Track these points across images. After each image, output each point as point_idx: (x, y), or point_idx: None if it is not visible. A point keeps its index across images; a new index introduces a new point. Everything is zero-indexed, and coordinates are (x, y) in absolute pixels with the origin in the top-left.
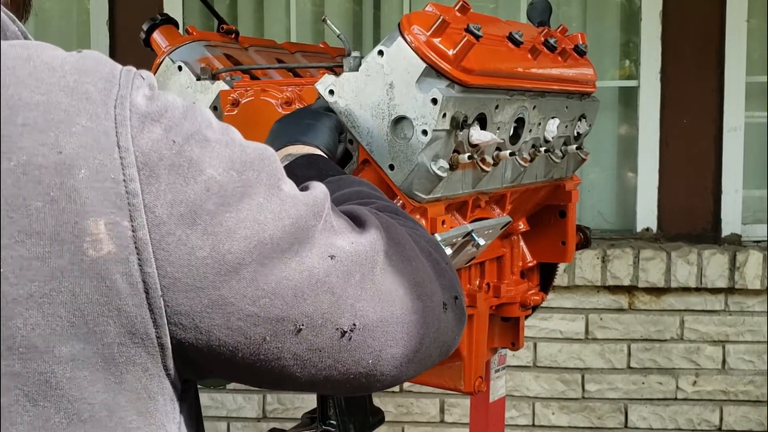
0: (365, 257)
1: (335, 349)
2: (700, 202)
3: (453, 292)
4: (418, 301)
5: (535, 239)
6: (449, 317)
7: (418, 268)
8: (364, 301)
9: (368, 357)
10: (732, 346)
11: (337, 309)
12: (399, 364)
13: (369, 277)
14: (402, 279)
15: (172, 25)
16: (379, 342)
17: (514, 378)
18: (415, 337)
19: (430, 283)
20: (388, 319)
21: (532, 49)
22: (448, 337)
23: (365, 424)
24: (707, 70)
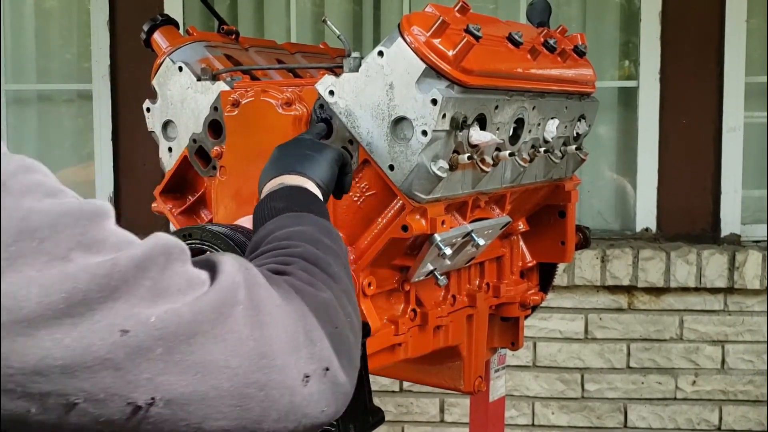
0: (179, 329)
1: (133, 423)
2: (700, 203)
3: (323, 363)
4: (258, 373)
5: (534, 239)
6: (312, 390)
7: (269, 337)
8: (170, 375)
9: (184, 428)
10: (731, 346)
11: (125, 384)
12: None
13: (181, 348)
14: (240, 349)
15: (172, 25)
16: (195, 416)
17: (514, 378)
18: (251, 411)
19: (282, 355)
20: (207, 392)
21: (532, 49)
22: (312, 410)
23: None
24: (707, 71)
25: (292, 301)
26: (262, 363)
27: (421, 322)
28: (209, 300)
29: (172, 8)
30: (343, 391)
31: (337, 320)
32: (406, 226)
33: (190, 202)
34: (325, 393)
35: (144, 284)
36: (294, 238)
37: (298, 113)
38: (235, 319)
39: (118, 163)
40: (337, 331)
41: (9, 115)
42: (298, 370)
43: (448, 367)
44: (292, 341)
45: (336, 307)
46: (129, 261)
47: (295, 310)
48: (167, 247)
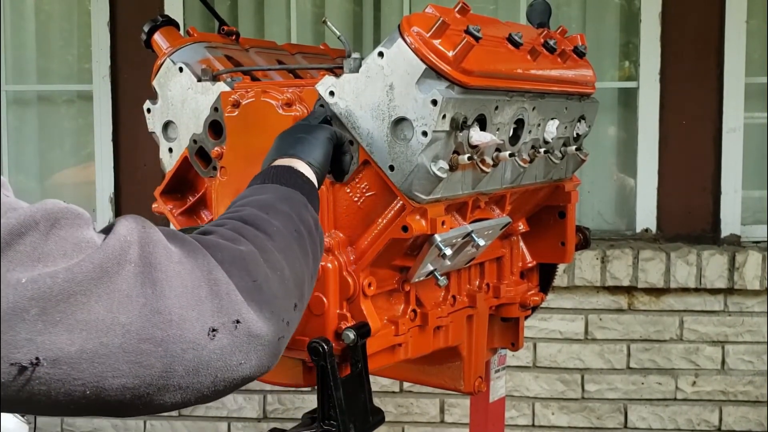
0: (53, 289)
1: (21, 383)
2: (700, 203)
3: (232, 316)
4: (153, 329)
5: (534, 240)
6: (221, 344)
7: (162, 293)
8: (51, 335)
9: (80, 389)
10: (731, 346)
11: (4, 345)
12: (141, 394)
13: (59, 308)
14: (128, 306)
15: (172, 26)
16: (89, 374)
17: (514, 378)
18: (152, 367)
19: (180, 310)
20: (96, 350)
21: (532, 50)
22: (225, 364)
23: (365, 424)
24: (706, 71)
25: (196, 257)
26: (156, 319)
27: (421, 323)
28: (92, 260)
29: (173, 9)
30: (263, 343)
31: (257, 273)
32: (407, 226)
33: (190, 202)
34: (238, 346)
35: (21, 249)
36: (247, 204)
37: (298, 114)
38: (122, 277)
39: (118, 164)
40: (255, 285)
41: (9, 115)
42: (202, 324)
43: (449, 367)
44: (192, 296)
45: (256, 261)
46: (4, 228)
47: (199, 266)
48: (53, 213)
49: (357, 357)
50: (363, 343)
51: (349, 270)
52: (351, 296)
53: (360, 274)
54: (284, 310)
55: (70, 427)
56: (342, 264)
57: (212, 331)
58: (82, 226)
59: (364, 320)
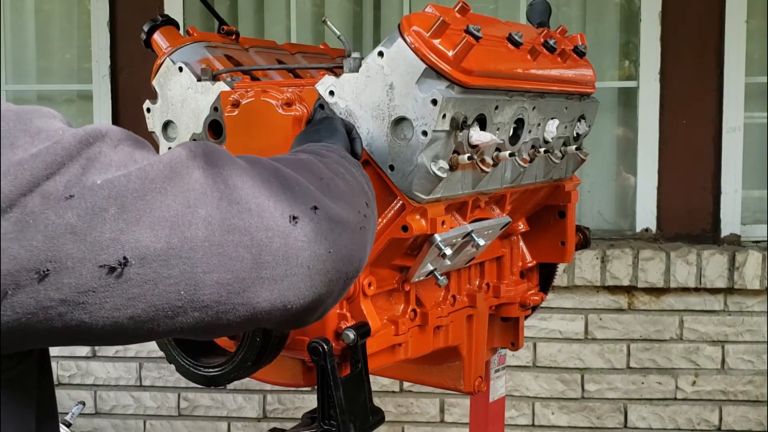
0: (128, 188)
1: (113, 287)
2: (700, 203)
3: (309, 203)
4: (234, 218)
5: (534, 239)
6: (305, 230)
7: (235, 187)
8: (134, 233)
9: (173, 288)
10: (731, 346)
11: (89, 247)
12: (236, 291)
13: (137, 205)
14: (203, 200)
15: (172, 26)
16: (180, 271)
17: (514, 378)
18: (241, 259)
19: (256, 199)
20: (182, 245)
21: (532, 50)
22: (312, 252)
23: (365, 424)
24: (706, 71)
25: (261, 162)
26: (234, 209)
27: (421, 323)
28: (160, 160)
29: (173, 9)
30: (348, 229)
31: (322, 173)
32: (406, 226)
33: None
34: (323, 232)
35: (91, 156)
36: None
37: (298, 113)
38: (193, 177)
39: None
40: (323, 182)
41: None
42: (281, 211)
43: (448, 367)
44: (265, 188)
45: (318, 165)
46: (72, 138)
47: (264, 167)
48: (122, 131)
49: (357, 357)
50: (363, 343)
51: None
52: (351, 296)
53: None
54: (357, 203)
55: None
56: None
57: (293, 218)
58: (147, 147)
59: (364, 320)
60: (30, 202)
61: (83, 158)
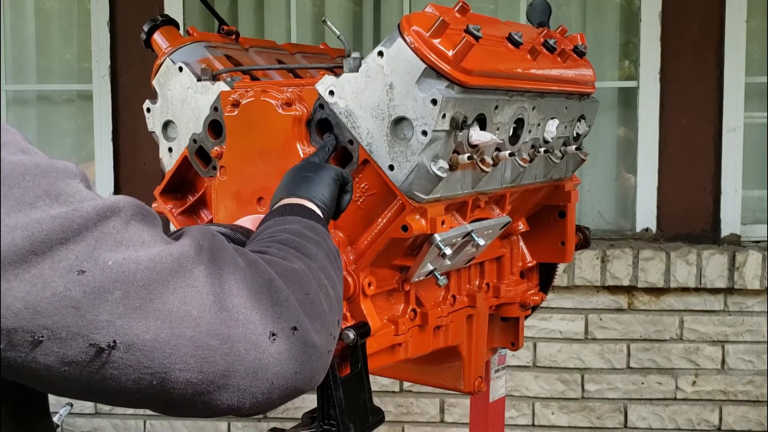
0: (137, 274)
1: (96, 365)
2: (700, 203)
3: (290, 322)
4: (220, 325)
5: (534, 239)
6: (280, 349)
7: (230, 293)
8: (130, 319)
9: (148, 377)
10: (731, 346)
11: (86, 324)
12: (202, 391)
13: (140, 294)
14: (199, 301)
15: (172, 26)
16: (159, 364)
17: (514, 378)
18: (215, 364)
19: (245, 310)
20: (169, 340)
21: (532, 49)
22: (282, 370)
23: (365, 424)
24: (706, 71)
25: (258, 267)
26: (223, 315)
27: (421, 322)
28: (170, 252)
29: (173, 9)
30: (316, 354)
31: (309, 288)
32: (406, 226)
33: (190, 202)
34: (295, 353)
35: (105, 231)
36: (279, 232)
37: (298, 113)
38: (195, 274)
39: (118, 164)
40: (308, 298)
41: (9, 115)
42: (264, 326)
43: (448, 367)
44: (255, 299)
45: (308, 277)
46: (92, 208)
47: (261, 274)
48: (135, 206)
49: (357, 357)
50: (363, 343)
51: (349, 270)
52: (351, 296)
53: (360, 273)
54: (331, 324)
55: (69, 426)
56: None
57: (272, 335)
58: (154, 224)
59: (364, 320)
60: (41, 264)
61: (98, 232)
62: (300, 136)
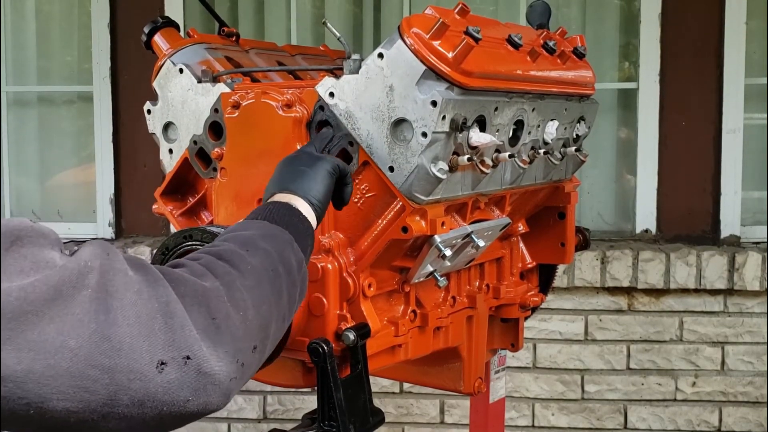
0: (7, 307)
1: None
2: (700, 204)
3: (183, 352)
4: (101, 356)
5: (534, 241)
6: (169, 378)
7: (115, 321)
8: (4, 352)
9: (23, 408)
10: (731, 347)
11: None
12: (85, 419)
13: (9, 326)
14: (79, 331)
15: (173, 27)
16: (34, 395)
17: (514, 379)
18: (96, 393)
19: (131, 339)
20: (43, 371)
21: (532, 51)
22: (171, 398)
23: (365, 425)
24: (706, 72)
25: (156, 288)
26: (105, 346)
27: (421, 324)
28: (48, 281)
29: (173, 10)
30: (213, 382)
31: (218, 311)
32: (406, 227)
33: (190, 203)
34: (187, 382)
35: None
36: (229, 239)
37: (298, 115)
38: (77, 301)
39: (118, 165)
40: (214, 323)
41: (9, 116)
42: (151, 356)
43: (448, 368)
44: (145, 327)
45: (220, 297)
46: None
47: (157, 297)
48: (15, 230)
49: (357, 358)
50: (363, 344)
51: (349, 271)
52: (351, 297)
53: (360, 275)
54: (241, 351)
55: None
56: (342, 265)
57: (161, 364)
58: (44, 246)
59: (364, 321)
60: None
61: None
62: (300, 137)
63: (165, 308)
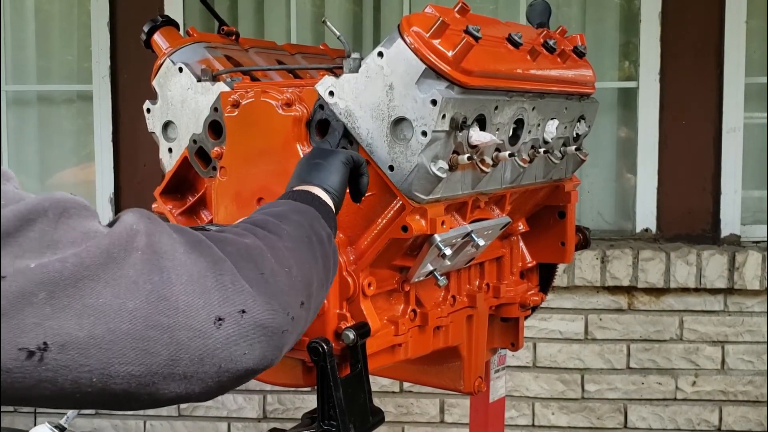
0: (63, 273)
1: (30, 369)
2: (700, 203)
3: (238, 306)
4: (159, 315)
5: (534, 240)
6: (227, 333)
7: (169, 280)
8: (59, 319)
9: (86, 375)
10: (731, 346)
11: (12, 329)
12: (147, 383)
13: (67, 292)
14: (135, 292)
15: (172, 26)
16: (97, 361)
17: (514, 378)
18: (158, 354)
19: (186, 297)
20: (104, 335)
21: (532, 50)
22: (229, 354)
23: (365, 424)
24: (706, 71)
25: (202, 249)
26: (162, 305)
27: (421, 323)
28: (99, 245)
29: (173, 9)
30: (267, 333)
31: (264, 266)
32: (406, 226)
33: (190, 202)
34: (245, 336)
35: (30, 236)
36: (259, 213)
37: (298, 114)
38: (129, 263)
39: (118, 164)
40: (262, 277)
41: (9, 115)
42: (208, 312)
43: (448, 367)
44: (198, 285)
45: (263, 254)
46: (12, 214)
47: (204, 256)
48: (61, 202)
49: (357, 357)
50: (363, 343)
51: (348, 270)
52: (351, 296)
53: (360, 274)
54: (290, 305)
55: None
56: (342, 264)
57: (218, 320)
58: (89, 217)
59: (364, 320)
60: None
61: (22, 237)
62: (300, 136)
63: (214, 266)
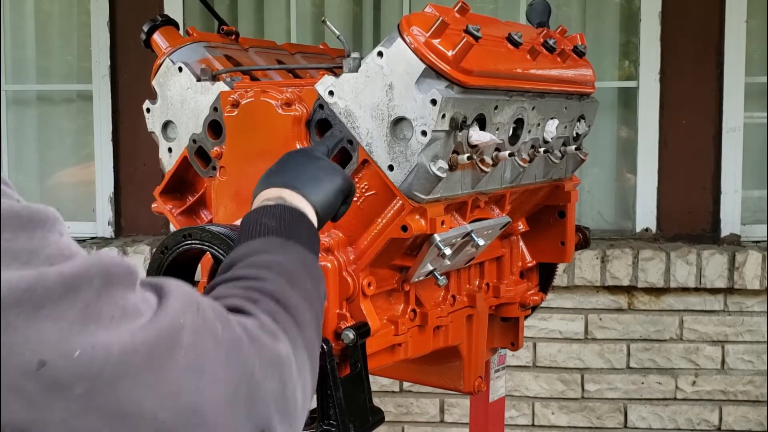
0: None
1: None
2: (700, 203)
3: (261, 426)
4: (185, 429)
5: (534, 239)
6: None
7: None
8: (87, 418)
9: None
10: (731, 346)
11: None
12: None
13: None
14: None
15: (172, 26)
16: None
17: (514, 378)
18: None
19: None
20: None
21: (532, 50)
22: None
23: (365, 424)
24: (706, 71)
25: (242, 351)
26: (193, 420)
27: (420, 323)
28: (144, 338)
29: (172, 9)
30: None
31: (289, 378)
32: (406, 226)
33: (190, 202)
34: None
35: (75, 306)
36: (272, 269)
37: (297, 113)
38: (171, 364)
39: (118, 164)
40: (284, 394)
41: (9, 115)
42: (232, 429)
43: (448, 367)
44: (231, 397)
45: (291, 364)
46: (58, 277)
47: (243, 363)
48: (107, 268)
49: (356, 357)
50: (362, 343)
51: (348, 270)
52: (350, 296)
53: (359, 273)
54: (300, 419)
55: None
56: (341, 264)
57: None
58: (129, 286)
59: (364, 320)
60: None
61: (67, 303)
62: (300, 136)
63: (248, 378)
